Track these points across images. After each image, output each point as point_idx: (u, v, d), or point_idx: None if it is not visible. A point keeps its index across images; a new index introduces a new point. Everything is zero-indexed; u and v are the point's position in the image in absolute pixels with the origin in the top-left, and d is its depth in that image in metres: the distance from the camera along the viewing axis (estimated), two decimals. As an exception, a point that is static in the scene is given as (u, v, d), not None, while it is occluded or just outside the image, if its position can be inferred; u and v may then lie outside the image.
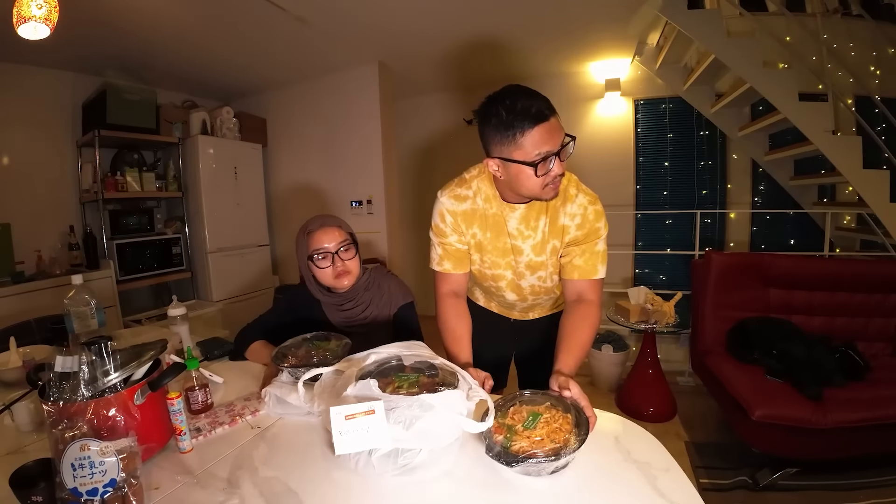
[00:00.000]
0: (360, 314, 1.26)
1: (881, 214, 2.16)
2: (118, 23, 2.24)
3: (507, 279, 1.18)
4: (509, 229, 1.10)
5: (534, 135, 0.90)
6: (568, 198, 1.07)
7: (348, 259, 1.21)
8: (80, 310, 1.30)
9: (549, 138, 0.91)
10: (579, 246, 1.06)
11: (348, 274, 1.21)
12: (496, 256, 1.14)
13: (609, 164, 3.49)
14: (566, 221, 1.07)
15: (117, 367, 0.76)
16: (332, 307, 1.27)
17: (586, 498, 0.67)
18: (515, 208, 1.07)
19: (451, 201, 1.11)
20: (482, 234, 1.12)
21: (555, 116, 0.92)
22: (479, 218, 1.11)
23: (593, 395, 2.63)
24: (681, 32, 2.41)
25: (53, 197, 2.78)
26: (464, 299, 1.20)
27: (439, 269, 1.16)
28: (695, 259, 2.34)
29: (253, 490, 0.71)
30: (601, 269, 1.07)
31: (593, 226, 1.06)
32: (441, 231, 1.13)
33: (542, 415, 0.77)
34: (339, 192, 3.44)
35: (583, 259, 1.06)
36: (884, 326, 2.04)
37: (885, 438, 1.63)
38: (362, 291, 1.27)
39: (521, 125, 0.90)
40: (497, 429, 0.76)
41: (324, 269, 1.20)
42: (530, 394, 0.85)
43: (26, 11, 1.47)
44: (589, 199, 1.07)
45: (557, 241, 1.09)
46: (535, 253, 1.11)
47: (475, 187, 1.10)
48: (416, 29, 2.62)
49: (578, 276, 1.06)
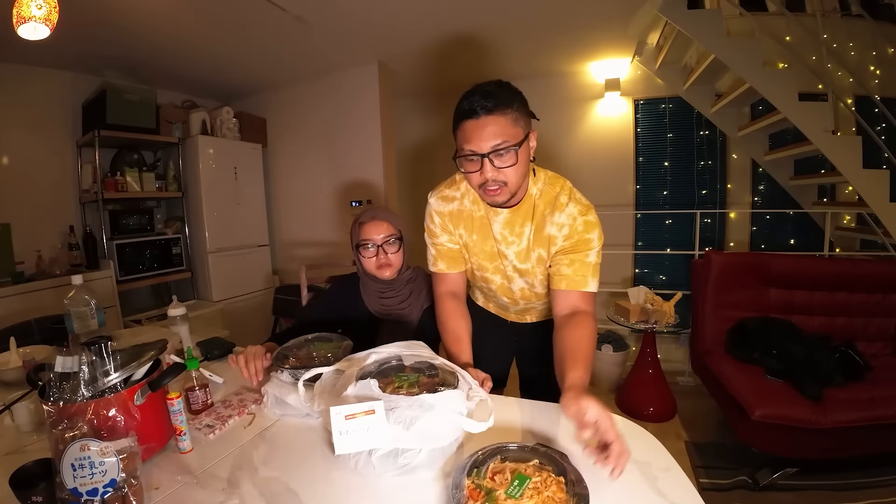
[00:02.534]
0: (397, 305, 1.31)
1: (881, 214, 2.16)
2: (118, 23, 2.24)
3: (496, 282, 1.18)
4: (494, 234, 1.08)
5: (461, 130, 0.91)
6: (558, 206, 1.01)
7: (392, 253, 1.27)
8: (80, 310, 1.30)
9: (472, 136, 0.89)
10: (567, 255, 1.01)
11: (390, 266, 1.27)
12: (483, 259, 1.13)
13: (609, 164, 3.50)
14: (553, 231, 1.02)
15: (117, 368, 0.76)
16: (374, 294, 1.32)
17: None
18: (499, 212, 1.04)
19: (438, 202, 1.13)
20: (468, 236, 1.12)
21: (491, 115, 0.87)
22: (466, 219, 1.11)
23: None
24: (681, 32, 2.41)
25: (53, 197, 2.78)
26: (463, 300, 1.20)
27: (434, 269, 1.18)
28: (695, 259, 2.34)
29: (253, 490, 0.71)
30: (592, 282, 1.00)
31: (582, 237, 1.00)
32: (432, 232, 1.15)
33: (530, 478, 0.63)
34: (340, 192, 3.44)
35: (571, 269, 1.00)
36: (883, 326, 2.04)
37: (885, 438, 1.63)
38: (404, 284, 1.32)
39: (456, 120, 0.92)
40: (472, 492, 0.62)
41: (368, 259, 1.27)
42: (517, 448, 0.70)
43: (26, 11, 1.47)
44: (580, 210, 1.00)
45: (544, 251, 1.05)
46: (520, 260, 1.08)
47: (464, 188, 1.10)
48: (415, 28, 2.62)
49: (566, 286, 1.00)
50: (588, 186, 1.13)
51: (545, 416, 0.90)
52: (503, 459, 0.68)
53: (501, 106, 0.88)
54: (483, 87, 0.91)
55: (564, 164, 3.60)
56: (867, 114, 2.28)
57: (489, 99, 0.87)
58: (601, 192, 3.47)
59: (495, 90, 0.89)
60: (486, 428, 0.72)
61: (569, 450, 0.73)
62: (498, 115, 0.87)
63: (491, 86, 0.91)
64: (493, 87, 0.90)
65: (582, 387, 0.80)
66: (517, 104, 0.91)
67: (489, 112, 0.87)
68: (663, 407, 2.31)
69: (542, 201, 1.03)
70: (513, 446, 0.71)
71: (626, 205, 3.49)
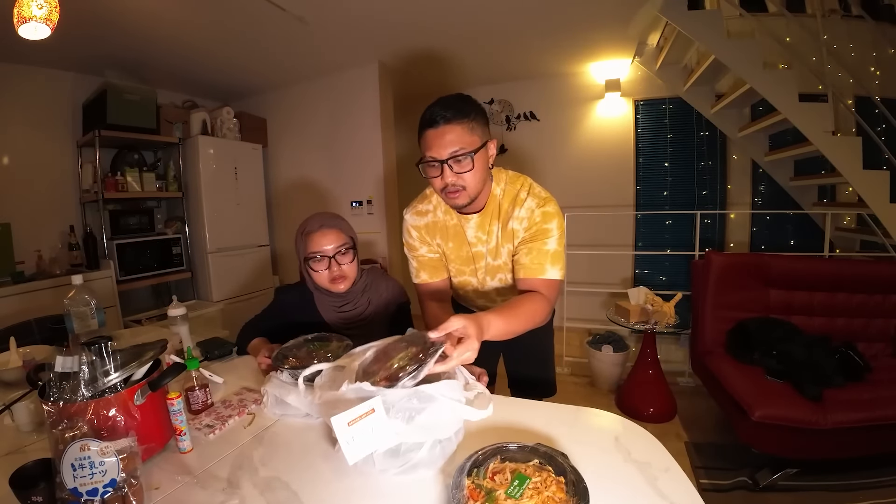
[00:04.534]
0: (358, 316, 1.26)
1: (881, 215, 2.16)
2: (118, 23, 2.24)
3: (472, 285, 1.23)
4: (469, 238, 1.14)
5: (423, 138, 0.98)
6: (517, 202, 1.09)
7: (345, 264, 1.19)
8: (80, 310, 1.30)
9: (432, 144, 0.97)
10: (525, 244, 1.08)
11: (344, 279, 1.20)
12: (460, 264, 1.20)
13: (609, 164, 3.50)
14: (515, 225, 1.09)
15: (117, 367, 0.76)
16: (330, 307, 1.27)
17: (586, 498, 0.67)
18: (469, 218, 1.12)
19: (413, 217, 1.19)
20: (444, 245, 1.18)
21: (450, 125, 0.95)
22: (441, 229, 1.17)
23: (593, 396, 2.63)
24: (681, 33, 2.41)
25: (53, 197, 2.78)
26: (448, 303, 1.25)
27: (418, 280, 1.23)
28: (695, 259, 2.34)
29: (253, 490, 0.71)
30: (550, 269, 1.05)
31: (541, 227, 1.06)
32: (411, 246, 1.21)
33: (530, 478, 0.62)
34: (340, 193, 3.44)
35: (528, 258, 1.06)
36: (884, 327, 2.04)
37: (885, 439, 1.63)
38: (360, 294, 1.27)
39: (420, 129, 0.99)
40: (472, 492, 0.62)
41: (319, 273, 1.19)
42: (517, 448, 0.70)
43: (27, 11, 1.47)
44: (538, 202, 1.07)
45: (511, 245, 1.12)
46: (492, 257, 1.15)
47: (435, 201, 1.16)
48: (415, 29, 2.62)
49: (524, 274, 1.07)
50: (588, 186, 1.16)
51: (545, 416, 0.89)
52: (503, 459, 0.68)
53: (459, 116, 0.95)
54: (444, 99, 0.99)
55: (565, 165, 3.60)
56: (867, 114, 2.28)
57: (448, 109, 0.95)
58: (601, 192, 3.47)
59: (455, 102, 0.98)
60: (486, 415, 0.71)
61: (569, 450, 0.73)
62: (455, 125, 0.95)
63: (451, 98, 0.99)
64: (454, 99, 0.99)
65: (480, 317, 0.85)
66: (475, 115, 0.98)
67: (448, 121, 0.95)
68: (663, 407, 2.31)
69: (505, 200, 1.10)
70: (513, 446, 0.70)
71: (627, 205, 3.49)
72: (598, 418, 0.90)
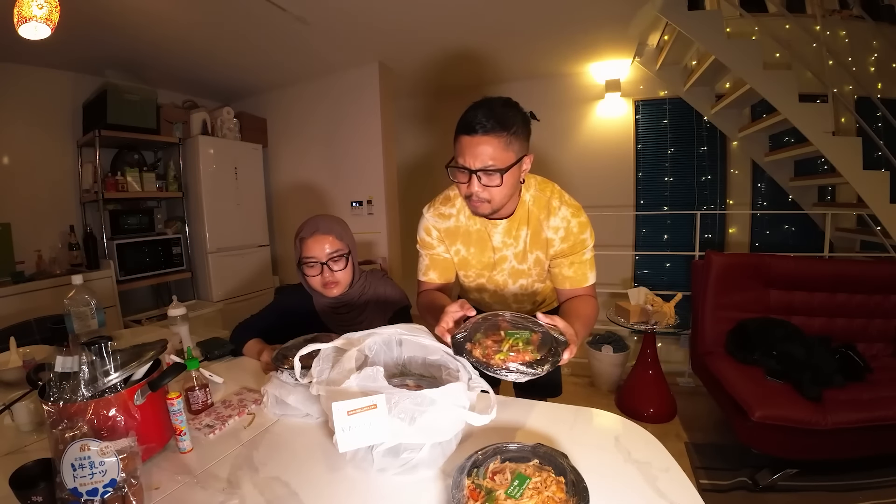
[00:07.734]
0: (356, 319, 1.27)
1: (881, 215, 2.16)
2: (118, 23, 2.24)
3: (490, 289, 1.22)
4: (494, 244, 1.13)
5: (458, 142, 0.95)
6: (551, 211, 1.08)
7: (338, 270, 1.20)
8: (80, 310, 1.30)
9: (466, 152, 0.93)
10: (567, 258, 1.08)
11: (336, 284, 1.21)
12: (481, 269, 1.18)
13: (609, 164, 3.50)
14: (550, 234, 1.09)
15: (117, 367, 0.76)
16: (328, 309, 1.28)
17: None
18: (497, 224, 1.10)
19: (434, 218, 1.16)
20: (466, 251, 1.16)
21: (487, 136, 0.90)
22: (463, 235, 1.15)
23: (593, 396, 2.63)
24: (681, 33, 2.41)
25: (54, 197, 2.78)
26: (448, 297, 1.22)
27: (424, 278, 1.20)
28: (695, 260, 2.34)
29: (253, 490, 0.71)
30: (591, 275, 1.10)
31: (578, 238, 1.07)
32: (428, 244, 1.18)
33: (530, 478, 0.62)
34: (340, 193, 3.44)
35: (572, 269, 1.08)
36: (884, 327, 2.04)
37: (885, 439, 1.63)
38: (357, 298, 1.27)
39: (457, 130, 0.95)
40: (472, 492, 0.61)
41: (312, 278, 1.21)
42: (517, 448, 0.70)
43: (27, 11, 1.47)
44: (572, 212, 1.07)
45: (542, 253, 1.11)
46: (518, 261, 1.14)
47: (459, 205, 1.14)
48: (415, 29, 2.62)
49: (570, 285, 1.09)
50: (588, 187, 1.16)
51: (545, 416, 0.90)
52: (503, 459, 0.68)
53: (498, 128, 0.90)
54: (489, 103, 0.93)
55: (565, 165, 3.60)
56: (867, 115, 2.28)
57: (490, 119, 0.90)
58: (601, 192, 3.47)
59: (499, 110, 0.92)
60: (488, 420, 0.71)
61: (569, 450, 0.73)
62: (493, 137, 0.91)
63: (496, 104, 0.93)
64: (498, 105, 0.93)
65: (574, 331, 0.84)
66: (516, 127, 0.93)
67: (486, 132, 0.90)
68: (663, 408, 2.31)
69: (535, 206, 1.09)
70: (513, 446, 0.70)
71: (627, 205, 3.49)
72: (599, 418, 0.91)
